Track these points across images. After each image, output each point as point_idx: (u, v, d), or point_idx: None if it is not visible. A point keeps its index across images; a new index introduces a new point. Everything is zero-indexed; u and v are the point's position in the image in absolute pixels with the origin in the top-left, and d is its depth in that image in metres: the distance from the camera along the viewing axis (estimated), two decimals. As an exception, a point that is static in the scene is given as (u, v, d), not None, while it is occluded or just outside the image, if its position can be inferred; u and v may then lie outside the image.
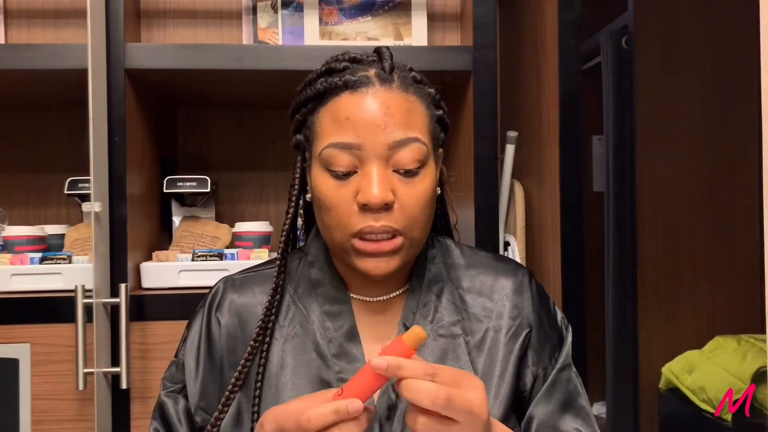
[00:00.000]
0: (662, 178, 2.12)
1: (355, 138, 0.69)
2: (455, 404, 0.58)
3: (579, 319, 1.35)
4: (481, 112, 1.30)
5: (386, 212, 0.69)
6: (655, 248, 2.11)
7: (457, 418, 0.59)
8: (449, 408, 0.58)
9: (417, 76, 0.76)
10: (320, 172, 0.72)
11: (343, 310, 0.77)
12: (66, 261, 1.28)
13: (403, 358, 0.60)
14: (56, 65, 1.24)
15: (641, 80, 2.11)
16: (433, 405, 0.58)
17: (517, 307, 0.79)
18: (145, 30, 1.52)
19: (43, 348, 1.22)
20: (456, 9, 1.55)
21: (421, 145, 0.71)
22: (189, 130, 1.69)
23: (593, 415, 0.78)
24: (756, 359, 1.77)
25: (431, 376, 0.59)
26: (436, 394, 0.58)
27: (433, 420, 0.59)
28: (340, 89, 0.71)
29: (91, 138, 1.16)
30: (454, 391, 0.59)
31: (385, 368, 0.59)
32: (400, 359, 0.59)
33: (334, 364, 0.74)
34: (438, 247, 0.83)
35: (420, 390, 0.58)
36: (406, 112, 0.71)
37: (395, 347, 0.61)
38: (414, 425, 0.59)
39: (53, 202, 1.63)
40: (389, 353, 0.60)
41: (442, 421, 0.59)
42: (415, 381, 0.59)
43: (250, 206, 1.70)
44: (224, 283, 0.82)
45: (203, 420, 0.77)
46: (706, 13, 2.13)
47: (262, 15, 1.43)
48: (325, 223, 0.73)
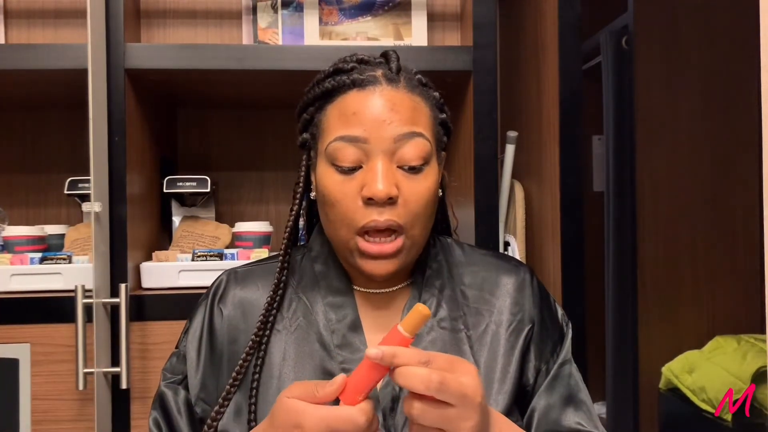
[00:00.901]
0: (662, 178, 2.12)
1: (361, 132, 0.71)
2: (448, 388, 0.59)
3: (579, 318, 1.35)
4: (481, 112, 1.30)
5: (390, 207, 0.71)
6: (655, 248, 2.11)
7: (451, 401, 0.59)
8: (443, 391, 0.58)
9: (422, 79, 0.79)
10: (326, 168, 0.74)
11: (346, 302, 0.78)
12: (66, 261, 1.28)
13: (397, 347, 0.60)
14: (56, 65, 1.24)
15: (641, 80, 2.12)
16: (426, 389, 0.58)
17: (518, 304, 0.80)
18: (145, 30, 1.52)
19: (43, 348, 1.22)
20: (456, 9, 1.55)
21: (425, 141, 0.73)
22: (189, 130, 1.69)
23: (594, 409, 0.79)
24: (756, 359, 1.77)
25: (425, 363, 0.60)
26: (429, 378, 0.58)
27: (428, 405, 0.59)
28: (348, 87, 0.74)
29: (91, 138, 1.16)
30: (447, 375, 0.59)
31: (381, 357, 0.59)
32: (394, 348, 0.60)
33: (337, 354, 0.75)
34: (439, 246, 0.84)
35: (413, 375, 0.58)
36: (411, 110, 0.73)
37: (392, 337, 0.61)
38: (410, 411, 0.60)
39: (53, 202, 1.63)
40: (386, 343, 0.61)
41: (437, 406, 0.59)
42: (408, 368, 0.59)
43: (250, 206, 1.71)
44: (228, 275, 0.83)
45: (203, 411, 0.78)
46: (706, 13, 2.13)
47: (262, 15, 1.43)
48: (330, 219, 0.74)
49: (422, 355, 0.60)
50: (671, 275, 2.11)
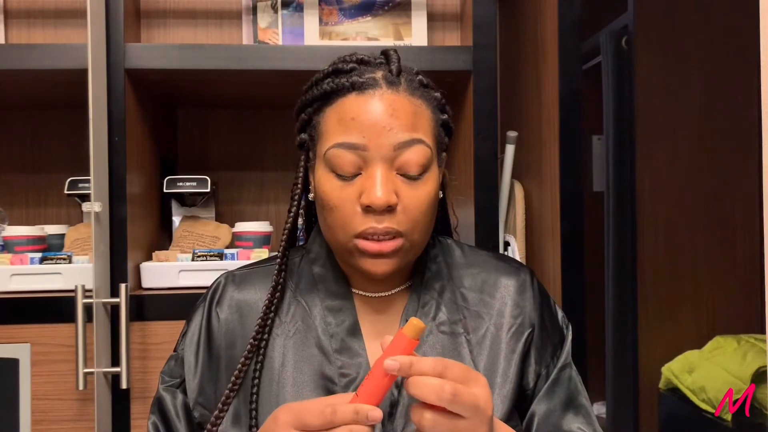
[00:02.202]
0: (662, 178, 2.12)
1: (360, 139, 0.69)
2: (461, 399, 0.58)
3: (579, 319, 1.35)
4: (481, 112, 1.30)
5: (389, 214, 0.70)
6: (655, 248, 2.11)
7: (462, 413, 0.59)
8: (455, 403, 0.58)
9: (424, 80, 0.76)
10: (324, 173, 0.72)
11: (345, 306, 0.77)
12: (66, 261, 1.28)
13: (413, 357, 0.60)
14: (56, 65, 1.24)
15: (641, 80, 2.11)
16: (439, 400, 0.58)
17: (518, 306, 0.80)
18: (145, 30, 1.52)
19: (43, 348, 1.22)
20: (456, 9, 1.55)
21: (426, 148, 0.71)
22: (189, 130, 1.69)
23: (594, 413, 0.79)
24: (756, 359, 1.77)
25: (440, 372, 0.59)
26: (441, 388, 0.58)
27: (439, 415, 0.59)
28: (347, 90, 0.72)
29: (91, 138, 1.16)
30: (460, 387, 0.59)
31: (398, 368, 0.59)
32: (411, 358, 0.60)
33: (336, 359, 0.74)
34: (439, 247, 0.83)
35: (426, 385, 0.58)
36: (412, 115, 0.71)
37: (399, 343, 0.61)
38: (421, 421, 0.59)
39: (53, 202, 1.63)
40: (394, 350, 0.61)
41: (448, 417, 0.59)
42: (422, 378, 0.59)
43: (250, 206, 1.70)
44: (225, 278, 0.82)
45: (201, 415, 0.77)
46: (706, 13, 2.13)
47: (262, 15, 1.43)
48: (328, 223, 0.73)
49: (438, 363, 0.60)
50: (671, 275, 2.11)
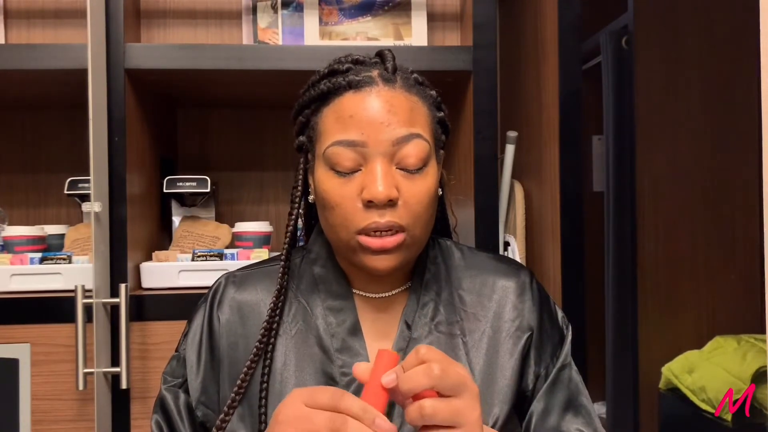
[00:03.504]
0: (662, 178, 2.12)
1: (359, 135, 0.70)
2: (450, 375, 0.60)
3: (579, 319, 1.35)
4: (481, 112, 1.30)
5: (391, 208, 0.70)
6: (655, 248, 2.11)
7: (454, 391, 0.60)
8: (445, 378, 0.59)
9: (419, 78, 0.78)
10: (324, 171, 0.73)
11: (345, 306, 0.78)
12: (66, 261, 1.28)
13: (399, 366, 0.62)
14: (56, 65, 1.24)
15: (641, 80, 2.11)
16: (430, 380, 0.59)
17: (517, 308, 0.80)
18: (145, 30, 1.52)
19: (43, 348, 1.22)
20: (456, 9, 1.55)
21: (424, 142, 0.72)
22: (189, 130, 1.69)
23: (595, 412, 0.79)
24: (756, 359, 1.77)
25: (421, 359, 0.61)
26: (430, 368, 0.59)
27: (437, 401, 0.60)
28: (343, 89, 0.72)
29: (91, 138, 1.16)
30: (446, 364, 0.60)
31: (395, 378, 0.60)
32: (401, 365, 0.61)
33: (337, 358, 0.75)
34: (438, 249, 0.83)
35: (416, 373, 0.59)
36: (409, 111, 0.72)
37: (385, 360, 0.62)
38: (423, 411, 0.59)
39: (53, 202, 1.63)
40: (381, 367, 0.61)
41: (444, 400, 0.60)
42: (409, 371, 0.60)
43: (250, 206, 1.71)
44: (226, 279, 0.83)
45: (204, 415, 0.78)
46: (706, 13, 2.13)
47: (262, 15, 1.43)
48: (330, 222, 0.73)
49: (416, 354, 0.61)
50: (671, 275, 2.11)
